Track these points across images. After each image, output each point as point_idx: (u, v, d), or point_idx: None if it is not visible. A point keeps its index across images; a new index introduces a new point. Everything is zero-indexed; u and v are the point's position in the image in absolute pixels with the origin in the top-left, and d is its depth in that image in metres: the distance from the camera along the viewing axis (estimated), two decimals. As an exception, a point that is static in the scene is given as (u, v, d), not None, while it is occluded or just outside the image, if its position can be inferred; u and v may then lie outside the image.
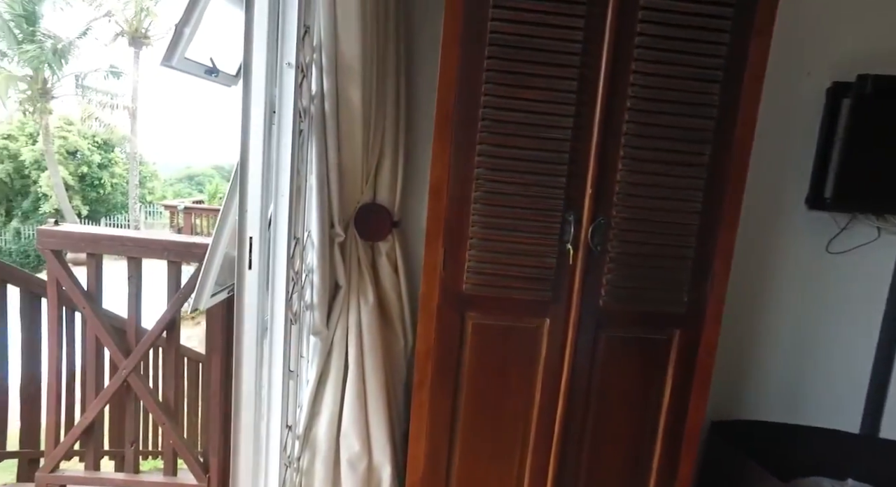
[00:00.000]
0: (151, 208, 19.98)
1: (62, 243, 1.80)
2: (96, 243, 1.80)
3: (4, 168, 16.29)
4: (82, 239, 1.79)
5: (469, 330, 1.43)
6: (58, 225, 1.84)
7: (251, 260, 1.34)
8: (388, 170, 1.69)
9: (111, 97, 16.65)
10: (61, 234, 1.79)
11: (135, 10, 15.82)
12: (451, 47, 1.35)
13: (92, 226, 1.80)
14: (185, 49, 1.40)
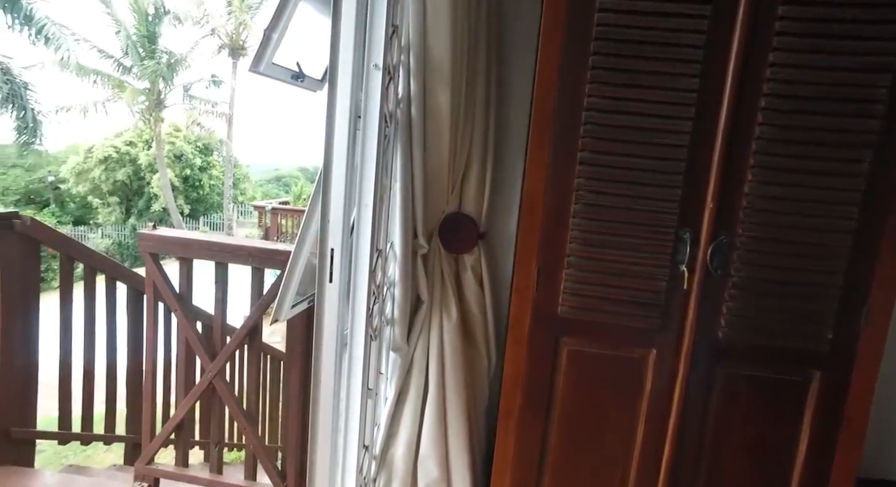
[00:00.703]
0: (243, 208, 21.38)
1: (158, 246, 1.86)
2: (188, 248, 1.84)
3: (126, 171, 18.13)
4: (175, 243, 1.84)
5: (564, 356, 1.28)
6: (156, 229, 1.90)
7: (332, 273, 1.28)
8: (475, 178, 1.58)
9: (212, 105, 18.03)
10: (157, 238, 1.85)
11: (234, 25, 17.01)
12: (552, 43, 1.22)
13: (184, 231, 1.91)
14: (273, 55, 1.38)
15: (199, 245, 1.81)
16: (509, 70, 1.65)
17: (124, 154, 18.28)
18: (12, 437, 2.11)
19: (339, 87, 1.20)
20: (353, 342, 1.32)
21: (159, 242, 1.84)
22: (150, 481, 1.97)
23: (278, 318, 1.44)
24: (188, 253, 1.83)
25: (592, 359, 1.29)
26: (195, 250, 1.83)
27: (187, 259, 1.87)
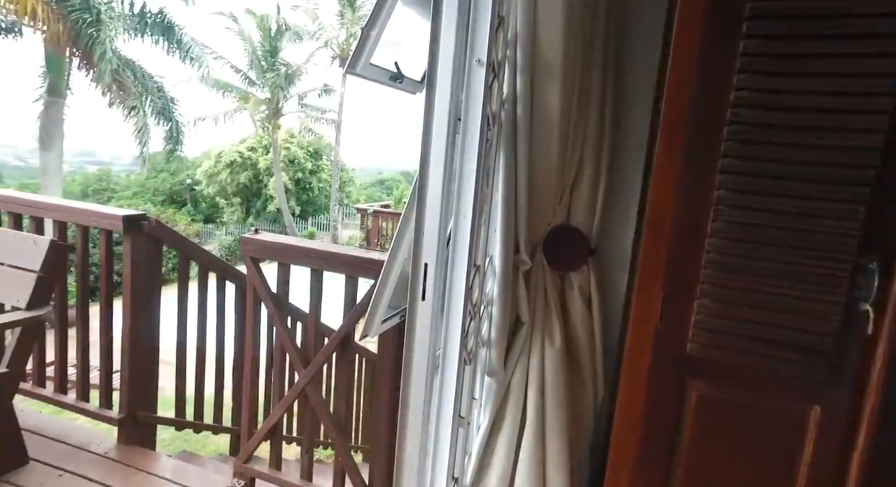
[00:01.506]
0: (348, 210, 22.52)
1: (259, 251, 1.89)
2: (286, 253, 1.85)
3: (247, 174, 19.90)
4: (274, 248, 1.86)
5: (692, 402, 1.07)
6: (258, 233, 1.94)
7: (425, 290, 1.17)
8: (586, 187, 1.40)
9: (322, 112, 19.19)
10: (259, 243, 1.88)
11: (345, 36, 17.97)
12: (690, 27, 1.01)
13: (283, 237, 2.02)
14: (371, 55, 1.31)
15: (297, 251, 1.81)
16: (630, 64, 1.44)
17: (246, 159, 20.07)
18: (139, 420, 2.28)
19: (438, 86, 1.10)
20: (446, 364, 1.21)
21: (260, 247, 1.87)
22: (246, 479, 2.02)
23: (368, 333, 1.37)
24: (286, 259, 1.84)
25: (730, 410, 1.06)
26: (293, 256, 1.83)
27: (286, 264, 1.88)
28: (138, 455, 2.20)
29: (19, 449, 2.04)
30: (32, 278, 2.00)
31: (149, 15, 12.18)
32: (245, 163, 19.97)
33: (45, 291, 2.03)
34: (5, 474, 1.99)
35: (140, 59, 12.42)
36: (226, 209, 20.91)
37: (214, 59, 14.81)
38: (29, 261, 2.03)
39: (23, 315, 1.95)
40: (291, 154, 19.99)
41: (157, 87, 12.75)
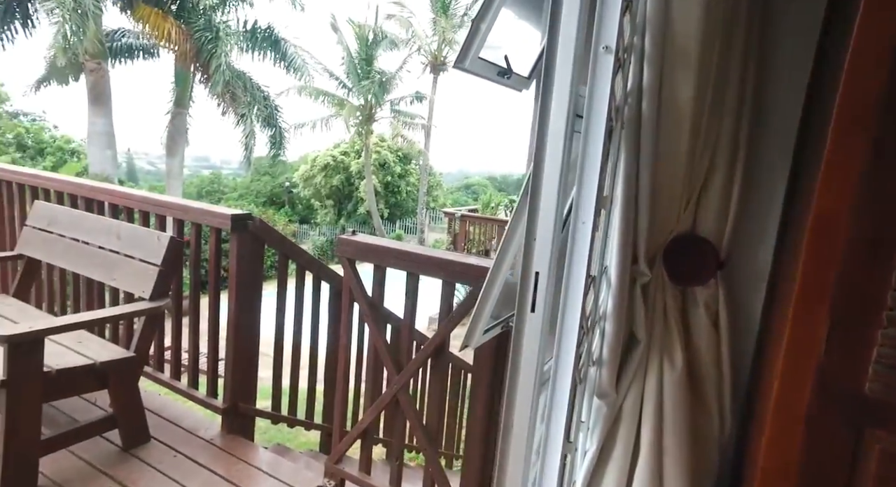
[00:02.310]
0: (434, 213, 22.87)
1: (356, 253, 1.89)
2: (383, 256, 1.82)
3: (340, 177, 20.90)
4: (371, 250, 1.84)
5: (873, 457, 0.87)
6: (355, 234, 1.94)
7: (535, 301, 1.07)
8: (717, 190, 1.22)
9: (412, 118, 19.67)
10: (355, 244, 1.87)
11: (437, 43, 18.29)
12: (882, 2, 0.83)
13: (380, 239, 2.02)
14: (480, 49, 1.23)
15: (393, 254, 1.78)
16: (776, 42, 1.24)
17: (339, 162, 21.07)
18: (239, 411, 2.39)
19: (557, 77, 0.99)
20: (557, 384, 1.10)
21: (357, 249, 1.87)
22: (336, 480, 2.02)
23: (469, 345, 1.29)
24: (382, 261, 1.82)
25: (921, 469, 0.85)
26: (389, 259, 1.80)
27: (381, 266, 1.86)
28: (239, 445, 2.29)
29: (143, 427, 2.21)
30: (155, 271, 2.15)
31: (258, 30, 13.16)
32: (338, 167, 20.98)
33: (165, 284, 2.17)
34: (132, 449, 2.15)
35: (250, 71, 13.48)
36: (319, 211, 22.08)
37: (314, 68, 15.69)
38: (153, 256, 2.18)
39: (147, 305, 2.10)
40: (382, 158, 20.71)
41: (263, 96, 13.74)
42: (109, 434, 2.17)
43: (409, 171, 22.00)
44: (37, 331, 1.77)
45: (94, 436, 2.14)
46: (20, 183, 3.04)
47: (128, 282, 2.25)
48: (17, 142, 18.53)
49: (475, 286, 1.61)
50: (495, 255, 1.21)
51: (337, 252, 1.88)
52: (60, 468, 2.00)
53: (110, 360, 2.02)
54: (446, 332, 1.71)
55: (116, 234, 2.36)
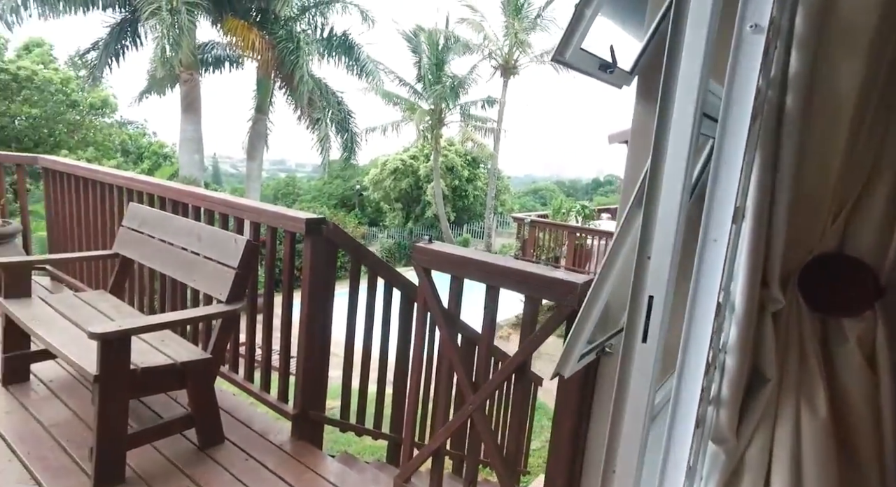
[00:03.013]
0: (501, 218, 22.65)
1: (432, 262, 1.78)
2: (462, 266, 1.71)
3: (408, 181, 21.20)
4: (449, 260, 1.73)
5: None
6: (431, 243, 1.84)
7: (647, 330, 0.91)
8: (880, 200, 1.00)
9: (483, 122, 19.59)
10: (433, 253, 1.77)
11: (509, 46, 18.11)
12: None
13: (458, 248, 1.93)
14: (583, 38, 1.09)
15: (474, 265, 1.66)
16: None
17: (408, 166, 21.37)
18: (309, 418, 2.36)
19: (684, 64, 0.83)
20: (675, 430, 0.93)
21: (434, 258, 1.76)
22: (405, 499, 1.93)
23: (563, 373, 1.14)
24: (461, 272, 1.70)
25: None
26: (469, 269, 1.69)
27: (459, 277, 1.75)
28: (308, 453, 2.26)
29: (218, 429, 2.23)
30: (231, 274, 2.16)
31: (334, 38, 13.61)
32: (407, 171, 21.29)
33: (241, 286, 2.18)
34: (207, 449, 2.17)
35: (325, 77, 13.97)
36: (388, 213, 22.51)
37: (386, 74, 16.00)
38: (230, 258, 2.20)
39: (223, 308, 2.12)
40: (450, 162, 20.79)
41: (337, 101, 14.17)
42: (189, 432, 2.21)
43: (476, 175, 21.94)
44: (125, 330, 1.81)
45: (176, 434, 2.19)
46: (119, 185, 3.22)
47: (206, 284, 2.28)
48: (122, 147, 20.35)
49: (563, 302, 1.46)
50: (596, 274, 1.06)
51: (413, 260, 1.79)
52: (145, 462, 2.05)
53: (189, 360, 2.05)
54: (529, 352, 1.57)
55: (198, 236, 2.41)
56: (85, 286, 3.70)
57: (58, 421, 2.29)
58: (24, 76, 16.83)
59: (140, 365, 1.91)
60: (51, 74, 17.40)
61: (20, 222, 4.11)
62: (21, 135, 17.21)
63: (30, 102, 17.05)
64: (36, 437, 2.17)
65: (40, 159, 4.04)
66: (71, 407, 2.40)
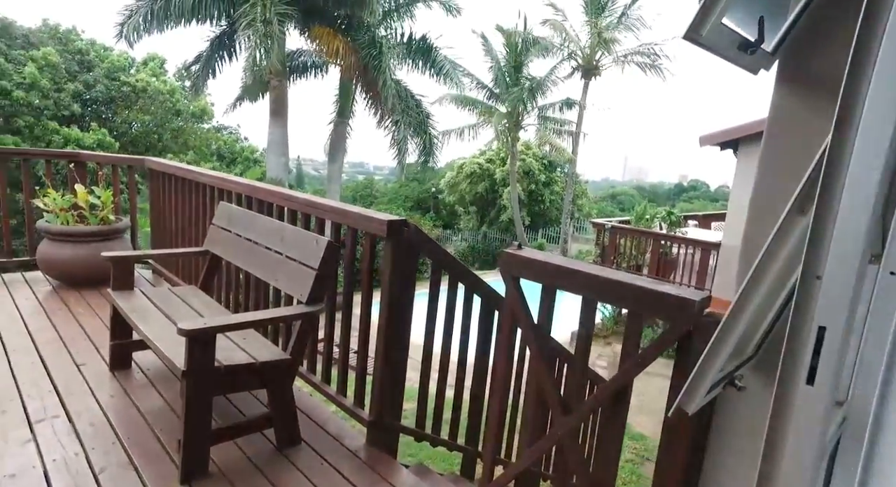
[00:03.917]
0: (578, 223, 21.95)
1: (523, 270, 1.64)
2: (556, 276, 1.55)
3: (484, 185, 21.10)
4: (541, 268, 1.58)
5: None
6: (520, 249, 1.70)
7: (814, 370, 0.71)
8: None
9: (561, 125, 19.08)
10: (523, 261, 1.63)
11: (590, 46, 17.51)
12: None
13: (553, 256, 1.75)
14: (724, 13, 0.90)
15: (571, 275, 1.50)
16: None
17: (485, 170, 21.25)
18: (384, 425, 2.29)
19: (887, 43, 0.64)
20: None
21: (524, 265, 1.62)
22: (483, 523, 1.80)
23: (688, 409, 0.96)
24: (555, 282, 1.55)
25: None
26: (565, 280, 1.52)
27: (551, 287, 1.59)
28: (382, 461, 2.19)
29: (295, 430, 2.21)
30: (312, 275, 2.14)
31: (413, 41, 13.80)
32: (483, 174, 21.18)
33: (321, 288, 2.16)
34: (285, 449, 2.17)
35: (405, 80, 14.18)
36: (462, 216, 22.52)
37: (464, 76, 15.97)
38: (311, 259, 2.18)
39: (303, 309, 2.10)
40: (527, 165, 20.43)
41: (416, 104, 14.35)
42: (268, 431, 2.21)
43: (553, 179, 21.42)
44: (211, 328, 1.83)
45: (256, 432, 2.20)
46: (211, 185, 3.36)
47: (288, 284, 2.28)
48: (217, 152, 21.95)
49: (675, 322, 1.27)
50: (736, 294, 0.87)
51: (500, 267, 1.66)
52: (226, 458, 2.07)
53: (269, 360, 2.05)
54: (631, 376, 1.38)
55: (281, 236, 2.42)
56: (180, 280, 3.92)
57: (153, 409, 2.39)
58: (141, 87, 18.68)
59: (224, 363, 1.93)
60: (160, 85, 19.15)
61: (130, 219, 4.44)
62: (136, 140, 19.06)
63: (143, 110, 18.90)
64: (134, 423, 2.27)
65: (146, 161, 4.34)
66: (164, 396, 2.50)
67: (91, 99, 18.14)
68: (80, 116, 17.78)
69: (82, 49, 18.60)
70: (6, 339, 3.04)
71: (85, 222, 3.88)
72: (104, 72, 18.54)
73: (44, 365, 2.75)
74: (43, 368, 2.71)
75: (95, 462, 2.00)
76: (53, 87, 16.85)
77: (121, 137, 18.28)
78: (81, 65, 18.38)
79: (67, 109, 17.23)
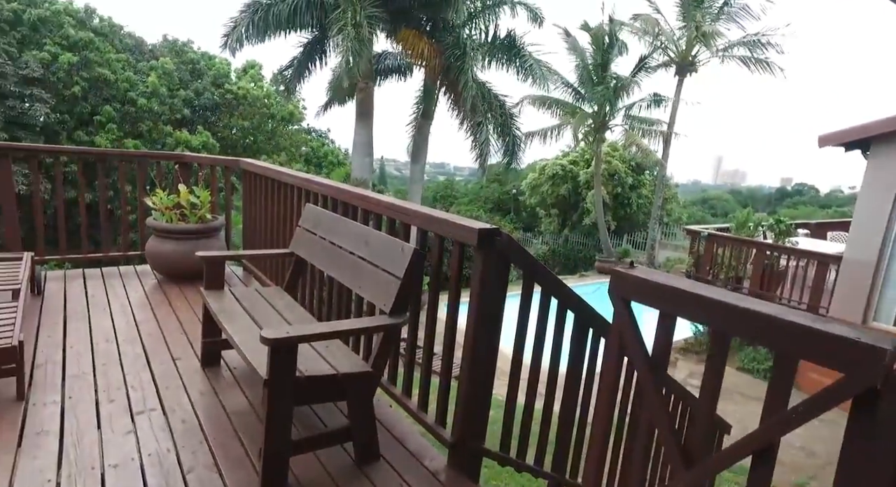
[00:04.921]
0: (667, 229, 20.66)
1: (633, 292, 1.41)
2: (676, 301, 1.31)
3: (567, 187, 20.45)
4: (658, 291, 1.34)
5: None
6: (633, 267, 1.47)
7: None
8: None
9: (650, 124, 18.02)
10: (635, 282, 1.39)
11: (686, 40, 16.36)
12: None
13: (676, 278, 1.56)
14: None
15: (701, 302, 1.25)
16: None
17: (568, 172, 20.58)
18: (468, 449, 2.14)
19: None
20: None
21: (638, 287, 1.39)
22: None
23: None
24: (678, 309, 1.31)
25: None
26: (692, 307, 1.28)
27: (671, 314, 1.35)
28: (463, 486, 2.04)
29: (374, 445, 2.12)
30: (396, 285, 2.03)
31: (498, 41, 13.58)
32: (566, 176, 20.53)
33: (405, 298, 2.05)
34: (363, 465, 2.08)
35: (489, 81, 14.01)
36: (544, 219, 21.98)
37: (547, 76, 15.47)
38: (396, 267, 2.08)
39: (386, 321, 1.99)
40: (612, 168, 19.53)
41: (499, 105, 14.14)
42: (348, 444, 2.14)
43: (640, 182, 20.29)
44: (293, 337, 1.76)
45: (336, 445, 2.13)
46: (298, 186, 3.39)
47: (371, 292, 2.19)
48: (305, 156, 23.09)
49: (854, 373, 0.99)
50: None
51: (610, 289, 1.44)
52: (306, 470, 2.02)
53: (350, 372, 1.96)
54: (778, 434, 1.12)
55: (365, 241, 2.35)
56: (267, 279, 4.02)
57: (238, 410, 2.41)
58: (241, 94, 20.11)
59: (305, 373, 1.87)
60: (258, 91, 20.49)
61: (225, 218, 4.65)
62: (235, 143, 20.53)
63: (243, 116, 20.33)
64: (220, 424, 2.29)
65: (241, 162, 4.52)
66: (249, 398, 2.51)
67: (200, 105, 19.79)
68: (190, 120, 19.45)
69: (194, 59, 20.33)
70: (118, 328, 3.25)
71: (185, 220, 4.09)
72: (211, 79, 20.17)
73: (146, 356, 2.89)
74: (145, 360, 2.84)
75: (184, 460, 2.02)
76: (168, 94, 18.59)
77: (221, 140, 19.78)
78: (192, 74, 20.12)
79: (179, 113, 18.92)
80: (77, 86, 16.69)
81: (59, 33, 16.75)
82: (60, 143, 15.92)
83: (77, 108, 16.95)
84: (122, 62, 17.94)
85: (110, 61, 17.54)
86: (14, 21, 16.18)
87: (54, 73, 16.26)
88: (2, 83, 15.08)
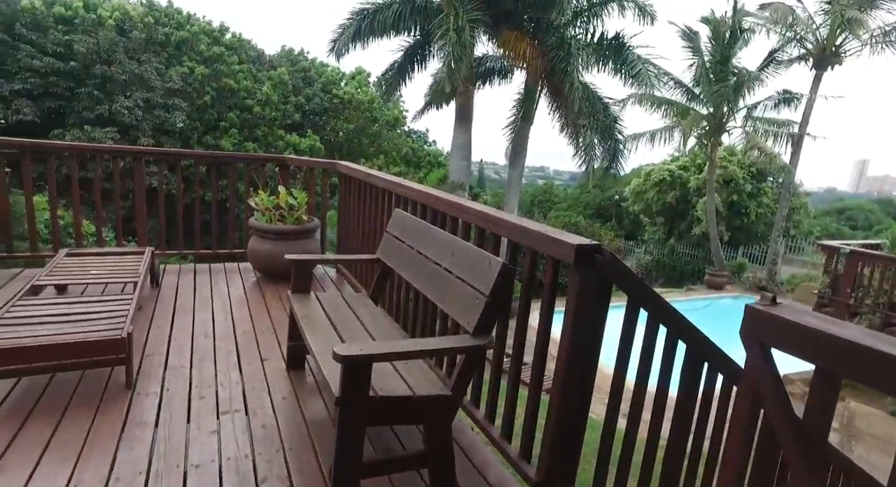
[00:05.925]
0: (793, 243, 18.44)
1: (775, 337, 1.10)
2: (842, 356, 0.99)
3: (674, 193, 18.98)
4: (814, 340, 1.02)
5: None
6: (776, 303, 1.15)
7: None
8: None
9: (777, 126, 16.16)
10: (779, 324, 1.08)
11: (829, 29, 14.46)
12: None
13: (830, 320, 1.23)
14: None
15: (849, 351, 0.92)
16: None
17: (676, 177, 19.10)
18: (551, 487, 1.90)
19: None
20: None
21: (783, 331, 1.07)
22: None
23: None
24: (847, 370, 0.98)
25: None
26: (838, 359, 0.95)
27: (834, 374, 1.03)
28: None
29: (451, 475, 1.94)
30: (482, 302, 1.85)
31: (605, 41, 12.89)
32: (674, 182, 19.07)
33: (490, 318, 1.86)
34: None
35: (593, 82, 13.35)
36: (647, 227, 20.63)
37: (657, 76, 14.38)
38: (482, 283, 1.89)
39: (469, 342, 1.82)
40: (728, 174, 17.78)
41: (603, 107, 13.44)
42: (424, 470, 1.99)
43: (761, 190, 18.24)
44: (368, 355, 1.65)
45: (411, 470, 2.00)
46: (388, 190, 3.33)
47: (454, 308, 2.03)
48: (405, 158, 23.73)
49: None
50: None
51: (743, 330, 1.14)
52: (375, 493, 1.90)
53: (428, 395, 1.81)
54: None
55: (451, 251, 2.19)
56: (357, 282, 4.03)
57: (316, 419, 2.36)
58: (347, 99, 21.18)
59: (379, 392, 1.74)
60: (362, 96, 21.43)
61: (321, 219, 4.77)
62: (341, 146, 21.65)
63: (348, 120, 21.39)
64: (298, 433, 2.25)
65: (337, 165, 4.59)
66: (328, 407, 2.47)
67: (309, 109, 21.15)
68: (300, 125, 20.85)
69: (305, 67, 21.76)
70: (217, 324, 3.40)
71: (284, 221, 4.23)
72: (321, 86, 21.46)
73: (237, 354, 2.97)
74: (236, 358, 2.92)
75: (260, 469, 2.00)
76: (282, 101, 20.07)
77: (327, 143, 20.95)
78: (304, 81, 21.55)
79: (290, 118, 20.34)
80: (207, 95, 18.56)
81: (196, 50, 18.75)
82: (192, 147, 17.80)
83: (206, 115, 18.84)
84: (244, 73, 19.66)
85: (234, 72, 19.29)
86: (164, 43, 18.39)
87: (190, 84, 18.21)
88: (152, 96, 17.25)
